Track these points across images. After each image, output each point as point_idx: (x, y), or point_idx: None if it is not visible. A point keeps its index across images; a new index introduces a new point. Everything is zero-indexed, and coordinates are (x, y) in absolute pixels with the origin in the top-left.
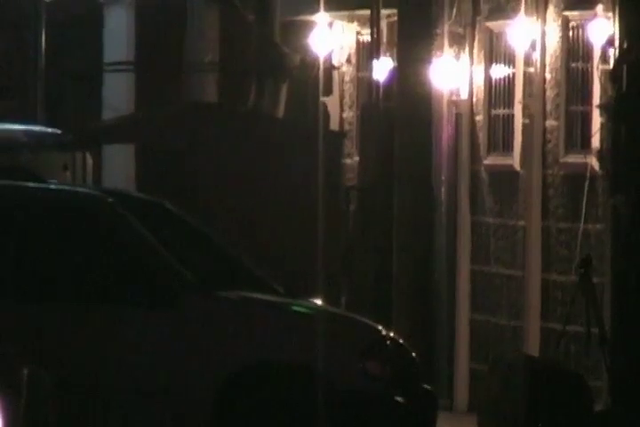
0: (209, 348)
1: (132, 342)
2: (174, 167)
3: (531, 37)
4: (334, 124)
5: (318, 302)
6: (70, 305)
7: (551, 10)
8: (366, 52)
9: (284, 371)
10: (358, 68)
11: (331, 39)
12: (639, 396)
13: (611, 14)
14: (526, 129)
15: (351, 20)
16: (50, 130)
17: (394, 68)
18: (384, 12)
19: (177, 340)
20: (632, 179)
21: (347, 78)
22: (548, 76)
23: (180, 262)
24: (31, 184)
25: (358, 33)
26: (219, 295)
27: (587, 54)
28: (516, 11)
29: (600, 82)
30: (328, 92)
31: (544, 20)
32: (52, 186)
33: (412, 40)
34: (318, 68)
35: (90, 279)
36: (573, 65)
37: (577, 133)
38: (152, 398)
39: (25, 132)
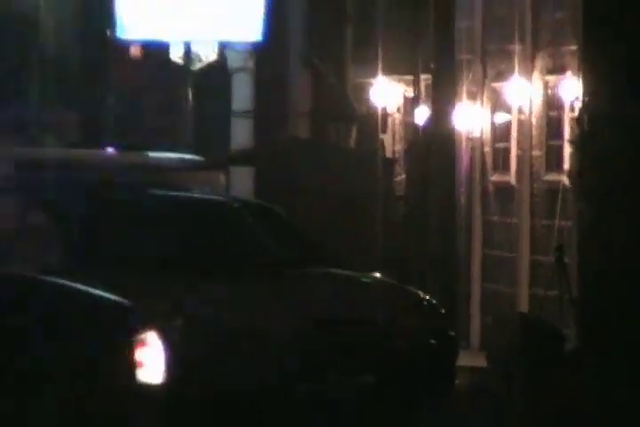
0: (303, 306)
1: (258, 299)
2: (281, 183)
3: (522, 94)
4: (389, 153)
5: (378, 275)
6: (217, 279)
7: (536, 75)
8: (410, 104)
9: (355, 324)
10: (405, 114)
11: (386, 95)
12: (598, 340)
13: (577, 78)
14: (519, 157)
15: (400, 81)
16: (196, 157)
17: (429, 114)
18: (422, 76)
19: (281, 298)
20: (592, 190)
21: (397, 122)
22: (533, 120)
23: (282, 248)
24: (183, 193)
25: (405, 91)
26: (311, 270)
27: (560, 106)
28: (512, 75)
29: (569, 125)
30: (384, 131)
31: (531, 82)
32: (197, 194)
33: (442, 95)
34: (378, 115)
35: (226, 257)
36: (551, 113)
37: (554, 160)
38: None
39: (180, 159)
